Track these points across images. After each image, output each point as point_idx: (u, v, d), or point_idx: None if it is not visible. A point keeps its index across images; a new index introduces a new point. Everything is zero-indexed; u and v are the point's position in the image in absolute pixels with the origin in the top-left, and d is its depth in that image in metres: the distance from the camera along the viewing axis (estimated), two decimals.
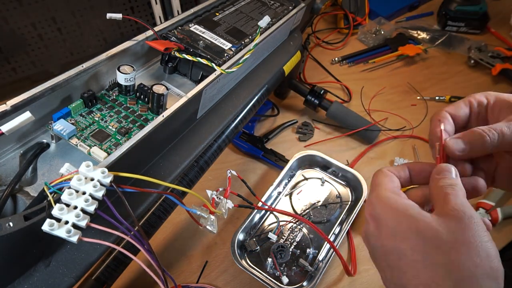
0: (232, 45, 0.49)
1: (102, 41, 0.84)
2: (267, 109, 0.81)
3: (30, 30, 0.72)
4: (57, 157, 0.38)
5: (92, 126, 0.39)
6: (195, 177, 0.50)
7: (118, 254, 0.41)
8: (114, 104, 0.43)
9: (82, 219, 0.28)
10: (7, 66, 0.75)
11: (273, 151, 0.72)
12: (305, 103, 0.78)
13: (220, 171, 0.68)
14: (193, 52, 0.47)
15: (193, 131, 0.48)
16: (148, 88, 0.43)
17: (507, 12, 1.06)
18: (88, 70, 0.40)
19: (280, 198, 0.64)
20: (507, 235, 0.63)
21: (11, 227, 0.27)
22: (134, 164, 0.39)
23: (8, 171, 0.36)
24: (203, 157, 0.50)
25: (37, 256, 0.33)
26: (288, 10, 0.61)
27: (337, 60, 0.93)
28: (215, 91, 0.48)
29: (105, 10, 0.79)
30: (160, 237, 0.60)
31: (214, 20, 0.53)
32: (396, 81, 0.90)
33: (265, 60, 0.61)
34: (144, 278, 0.54)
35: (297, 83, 0.78)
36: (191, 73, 0.49)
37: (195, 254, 0.59)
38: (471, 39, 0.99)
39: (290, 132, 0.78)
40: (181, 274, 0.57)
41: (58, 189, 0.30)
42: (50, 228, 0.27)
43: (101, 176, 0.29)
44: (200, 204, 0.39)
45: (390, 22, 1.00)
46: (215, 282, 0.56)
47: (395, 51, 0.94)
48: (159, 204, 0.45)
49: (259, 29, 0.43)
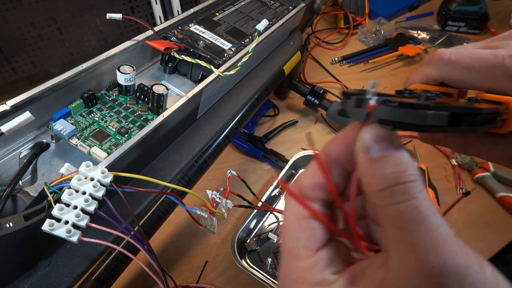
0: (232, 45, 0.49)
1: (102, 41, 0.84)
2: (267, 109, 0.81)
3: (30, 30, 0.72)
4: (57, 157, 0.38)
5: (92, 126, 0.39)
6: (195, 177, 0.50)
7: (118, 254, 0.41)
8: (114, 104, 0.43)
9: (82, 219, 0.28)
10: (7, 66, 0.75)
11: (273, 151, 0.72)
12: (305, 103, 0.78)
13: (220, 171, 0.68)
14: (193, 52, 0.47)
15: (193, 131, 0.48)
16: (148, 88, 0.43)
17: (507, 12, 1.06)
18: (88, 70, 0.40)
19: (280, 198, 0.64)
20: (507, 235, 0.63)
21: (11, 227, 0.27)
22: (134, 164, 0.39)
23: (8, 171, 0.36)
24: (203, 157, 0.50)
25: (37, 256, 0.33)
26: (288, 10, 0.61)
27: (337, 60, 0.93)
28: (215, 91, 0.48)
29: (105, 10, 0.79)
30: (160, 237, 0.59)
31: (214, 20, 0.53)
32: (396, 81, 0.90)
33: (265, 60, 0.61)
34: (144, 278, 0.54)
35: (297, 83, 0.78)
36: (191, 73, 0.49)
37: (195, 254, 0.59)
38: (471, 39, 0.99)
39: (290, 132, 0.78)
40: (181, 274, 0.57)
41: (58, 189, 0.30)
42: (50, 228, 0.27)
43: (101, 176, 0.29)
44: (200, 204, 0.39)
45: (390, 22, 1.00)
46: (215, 282, 0.56)
47: (395, 51, 0.94)
48: (159, 204, 0.45)
49: (257, 33, 0.43)
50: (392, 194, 0.16)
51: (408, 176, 0.16)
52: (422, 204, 0.15)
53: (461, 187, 0.69)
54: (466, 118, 0.17)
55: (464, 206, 0.67)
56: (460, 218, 0.65)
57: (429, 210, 0.15)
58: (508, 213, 0.66)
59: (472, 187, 0.69)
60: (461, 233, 0.63)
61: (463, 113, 0.17)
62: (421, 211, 0.15)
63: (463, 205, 0.67)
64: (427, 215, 0.15)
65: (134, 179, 0.32)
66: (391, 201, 0.16)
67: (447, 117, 0.16)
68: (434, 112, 0.16)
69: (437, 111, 0.16)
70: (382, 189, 0.16)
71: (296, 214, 0.19)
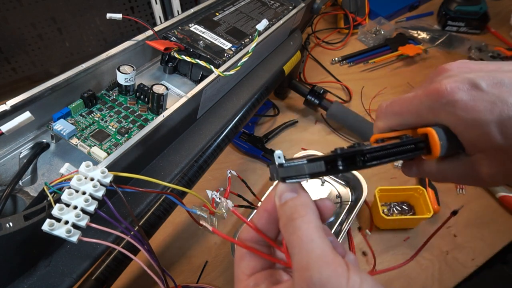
0: (232, 45, 0.49)
1: (102, 41, 0.84)
2: (267, 109, 0.81)
3: (30, 30, 0.72)
4: (57, 157, 0.38)
5: (92, 126, 0.39)
6: (195, 177, 0.50)
7: (118, 254, 0.41)
8: (114, 104, 0.43)
9: (82, 219, 0.28)
10: (7, 66, 0.75)
11: (273, 151, 0.71)
12: (305, 103, 0.78)
13: (220, 171, 0.68)
14: (193, 52, 0.47)
15: (193, 131, 0.48)
16: (148, 88, 0.43)
17: (507, 12, 1.06)
18: (88, 70, 0.40)
19: None
20: (507, 235, 0.63)
21: (11, 227, 0.27)
22: (134, 164, 0.39)
23: (8, 171, 0.36)
24: (203, 157, 0.50)
25: (37, 256, 0.33)
26: (288, 10, 0.61)
27: (337, 60, 0.93)
28: (215, 91, 0.48)
29: (105, 10, 0.79)
30: (160, 237, 0.59)
31: (214, 20, 0.53)
32: (396, 81, 0.90)
33: (265, 60, 0.61)
34: (144, 278, 0.54)
35: (297, 83, 0.78)
36: (191, 73, 0.49)
37: (195, 254, 0.59)
38: (471, 39, 0.98)
39: (290, 132, 0.78)
40: (181, 274, 0.57)
41: (58, 189, 0.30)
42: (50, 228, 0.27)
43: (101, 176, 0.29)
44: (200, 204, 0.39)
45: (390, 22, 1.00)
46: (215, 282, 0.56)
47: (395, 51, 0.94)
48: (159, 204, 0.45)
49: (257, 33, 0.43)
50: (287, 228, 0.22)
51: (297, 214, 0.22)
52: (304, 234, 0.21)
53: (461, 187, 0.69)
54: (343, 160, 0.22)
55: (464, 206, 0.67)
56: (460, 218, 0.65)
57: (308, 237, 0.21)
58: (508, 213, 0.66)
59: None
60: (461, 233, 0.63)
61: (334, 159, 0.22)
62: (302, 239, 0.21)
63: (463, 205, 0.67)
64: (305, 241, 0.20)
65: (134, 179, 0.32)
66: (287, 233, 0.22)
67: (322, 165, 0.21)
68: (309, 164, 0.22)
69: (310, 163, 0.22)
70: (283, 225, 0.22)
71: (239, 251, 0.25)
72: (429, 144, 0.25)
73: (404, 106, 0.27)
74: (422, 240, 0.62)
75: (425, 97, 0.26)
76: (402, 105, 0.27)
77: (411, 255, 0.42)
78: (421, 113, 0.26)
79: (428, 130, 0.25)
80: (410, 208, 0.65)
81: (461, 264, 0.60)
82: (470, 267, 0.60)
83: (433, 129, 0.25)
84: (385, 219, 0.59)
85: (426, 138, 0.25)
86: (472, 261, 0.60)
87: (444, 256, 0.61)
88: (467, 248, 0.62)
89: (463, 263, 0.60)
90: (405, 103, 0.27)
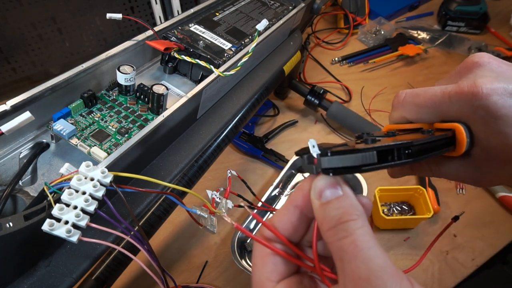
0: (232, 45, 0.49)
1: (102, 41, 0.84)
2: (267, 109, 0.81)
3: (30, 30, 0.72)
4: (57, 157, 0.38)
5: (92, 126, 0.39)
6: (195, 177, 0.50)
7: (118, 254, 0.41)
8: (114, 104, 0.43)
9: (82, 219, 0.28)
10: (7, 66, 0.75)
11: (273, 151, 0.72)
12: (305, 103, 0.78)
13: (220, 171, 0.68)
14: (193, 52, 0.47)
15: (193, 131, 0.48)
16: (148, 88, 0.43)
17: (507, 12, 1.06)
18: (88, 70, 0.40)
19: (280, 198, 0.64)
20: (507, 235, 0.63)
21: (11, 227, 0.27)
22: (134, 164, 0.39)
23: (8, 171, 0.36)
24: (203, 157, 0.50)
25: (37, 256, 0.33)
26: (288, 10, 0.61)
27: (337, 60, 0.93)
28: (215, 91, 0.48)
29: (105, 10, 0.79)
30: (160, 237, 0.59)
31: (214, 20, 0.53)
32: (396, 81, 0.90)
33: (265, 60, 0.61)
34: (144, 278, 0.54)
35: (297, 83, 0.78)
36: (191, 73, 0.49)
37: (195, 254, 0.59)
38: (471, 39, 0.99)
39: (290, 132, 0.78)
40: (181, 274, 0.57)
41: (58, 189, 0.30)
42: (50, 228, 0.27)
43: (101, 176, 0.29)
44: (200, 204, 0.39)
45: (390, 22, 1.00)
46: (215, 282, 0.56)
47: (395, 51, 0.94)
48: (159, 204, 0.45)
49: (257, 33, 0.43)
50: (336, 232, 0.19)
51: (348, 216, 0.19)
52: (359, 239, 0.18)
53: (461, 187, 0.69)
54: (394, 153, 0.19)
55: (464, 206, 0.67)
56: (460, 218, 0.65)
57: (365, 244, 0.18)
58: (508, 213, 0.66)
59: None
60: (461, 233, 0.63)
61: (390, 149, 0.19)
62: (358, 245, 0.18)
63: (463, 205, 0.67)
64: (363, 248, 0.18)
65: (134, 179, 0.32)
66: (335, 238, 0.19)
67: (374, 155, 0.19)
68: (362, 154, 0.18)
69: (364, 152, 0.18)
70: (329, 228, 0.19)
71: (261, 252, 0.22)
72: (455, 141, 0.24)
73: (430, 101, 0.26)
74: (422, 240, 0.62)
75: (456, 96, 0.24)
76: (427, 100, 0.26)
77: (411, 255, 0.42)
78: (447, 111, 0.25)
79: (456, 126, 0.24)
80: (410, 208, 0.65)
81: (461, 264, 0.60)
82: (470, 267, 0.60)
83: (461, 126, 0.24)
84: (385, 219, 0.59)
85: (453, 134, 0.24)
86: (472, 261, 0.60)
87: (444, 256, 0.61)
88: (467, 248, 0.62)
89: (463, 263, 0.60)
90: (431, 98, 0.26)
